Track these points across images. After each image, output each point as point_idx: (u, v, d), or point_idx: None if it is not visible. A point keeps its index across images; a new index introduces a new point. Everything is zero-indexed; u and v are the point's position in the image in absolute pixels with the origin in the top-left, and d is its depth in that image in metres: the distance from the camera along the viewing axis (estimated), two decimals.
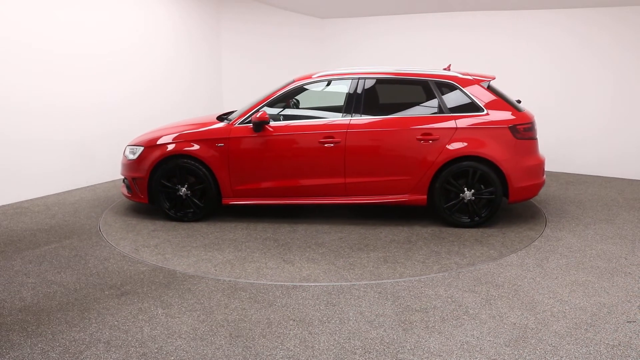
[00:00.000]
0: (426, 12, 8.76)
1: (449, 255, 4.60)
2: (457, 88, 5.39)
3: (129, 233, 5.26)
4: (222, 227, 5.48)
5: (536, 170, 5.36)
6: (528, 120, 5.33)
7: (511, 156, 5.20)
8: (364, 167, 5.36)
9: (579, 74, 7.78)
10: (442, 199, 5.34)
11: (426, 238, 5.09)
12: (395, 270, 4.28)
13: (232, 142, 5.44)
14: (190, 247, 4.90)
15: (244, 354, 3.08)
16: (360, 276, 4.17)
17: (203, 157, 5.44)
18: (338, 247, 4.87)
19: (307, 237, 5.14)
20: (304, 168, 5.40)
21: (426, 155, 5.26)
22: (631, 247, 4.80)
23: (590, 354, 3.04)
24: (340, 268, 4.35)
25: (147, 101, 7.94)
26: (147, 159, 5.57)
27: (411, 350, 3.10)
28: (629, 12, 7.29)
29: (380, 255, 4.62)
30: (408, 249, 4.79)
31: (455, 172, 5.27)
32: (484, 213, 5.31)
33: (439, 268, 4.31)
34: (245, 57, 9.53)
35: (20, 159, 6.31)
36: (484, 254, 4.62)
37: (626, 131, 7.53)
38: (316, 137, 5.37)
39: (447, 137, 5.24)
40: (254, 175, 5.46)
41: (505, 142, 5.22)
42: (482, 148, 5.19)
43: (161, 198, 5.59)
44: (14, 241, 5.03)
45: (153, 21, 7.94)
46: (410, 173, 5.31)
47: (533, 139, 5.37)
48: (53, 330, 3.36)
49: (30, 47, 6.29)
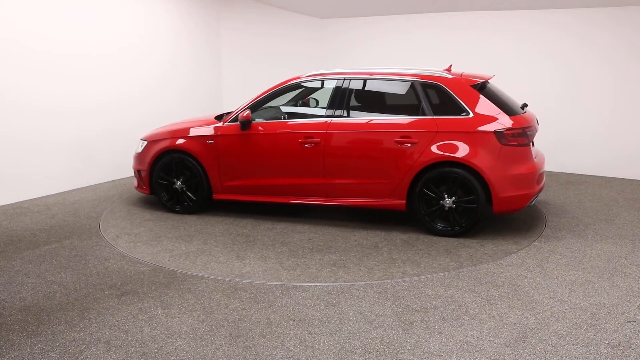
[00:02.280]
0: (426, 12, 8.76)
1: (403, 264, 4.39)
2: (443, 89, 5.08)
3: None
4: (209, 220, 5.69)
5: (525, 179, 4.93)
6: (518, 125, 4.90)
7: (495, 163, 4.83)
8: (342, 168, 5.26)
9: (579, 74, 7.78)
10: (422, 205, 5.09)
11: (396, 244, 4.89)
12: (335, 274, 4.21)
13: (221, 139, 5.65)
14: (165, 237, 5.14)
15: (244, 354, 3.08)
16: (297, 278, 4.15)
17: (195, 153, 5.71)
18: (300, 247, 4.87)
19: (278, 236, 5.18)
20: (285, 167, 5.46)
21: (405, 159, 5.04)
22: (631, 247, 4.80)
23: (590, 354, 3.04)
24: (283, 268, 4.36)
25: (147, 101, 7.94)
26: (149, 153, 5.93)
27: (411, 350, 3.10)
28: (629, 12, 7.30)
29: (334, 259, 4.55)
30: (367, 254, 4.66)
31: (436, 177, 4.99)
32: (465, 223, 4.99)
33: (381, 276, 4.16)
34: (245, 57, 9.53)
35: (20, 159, 6.31)
36: (440, 266, 4.35)
37: (626, 131, 7.53)
38: (297, 137, 5.39)
39: (427, 140, 4.97)
40: (240, 173, 5.64)
41: (490, 147, 4.84)
42: (464, 153, 4.87)
43: (159, 190, 5.91)
44: (14, 241, 5.03)
45: (153, 22, 7.93)
46: (388, 177, 5.12)
47: (523, 145, 4.93)
48: (53, 330, 3.36)
49: (30, 47, 6.29)
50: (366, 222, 5.55)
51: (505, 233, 5.18)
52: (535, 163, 5.07)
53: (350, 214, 5.81)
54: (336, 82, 5.46)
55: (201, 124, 5.87)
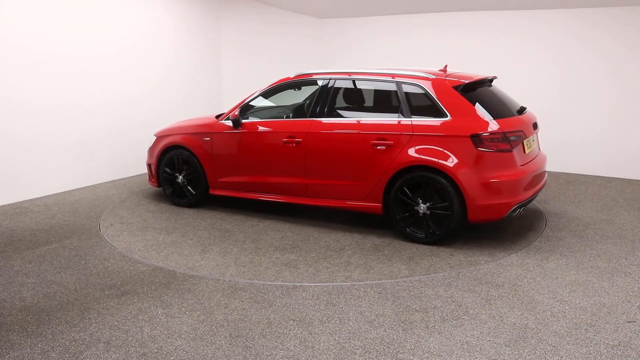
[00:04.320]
0: (426, 12, 8.76)
1: (354, 269, 4.30)
2: (424, 90, 4.87)
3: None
4: (202, 214, 5.89)
5: (505, 187, 4.58)
6: (502, 129, 4.60)
7: (471, 169, 4.56)
8: (322, 169, 5.22)
9: (579, 74, 7.77)
10: (397, 210, 4.89)
11: (363, 248, 4.77)
12: (279, 275, 4.21)
13: (216, 137, 5.83)
14: (151, 228, 5.40)
15: (244, 354, 3.08)
16: (240, 275, 4.21)
17: (193, 149, 5.93)
18: (267, 245, 4.91)
19: (256, 233, 5.26)
20: (270, 166, 5.54)
21: (380, 162, 4.88)
22: (631, 247, 4.80)
23: (590, 354, 3.04)
24: (235, 265, 4.43)
25: (147, 101, 7.94)
26: (156, 148, 6.27)
27: (411, 350, 3.10)
28: (629, 12, 7.29)
29: (291, 258, 4.55)
30: (327, 256, 4.60)
31: (410, 182, 4.80)
32: (439, 230, 4.75)
33: (326, 278, 4.12)
34: (245, 57, 9.53)
35: (20, 159, 6.31)
36: (391, 274, 4.20)
37: (627, 131, 7.52)
38: (281, 137, 5.43)
39: (402, 143, 4.79)
40: (231, 170, 5.79)
41: (465, 152, 4.58)
42: (437, 157, 4.64)
43: (165, 184, 6.23)
44: (14, 241, 5.03)
45: (153, 22, 7.93)
46: (364, 179, 5.00)
47: (503, 151, 4.60)
48: (53, 330, 3.36)
49: (30, 47, 6.29)
50: (349, 224, 5.47)
51: (453, 254, 4.71)
52: (520, 170, 4.70)
53: (338, 215, 5.75)
54: (322, 82, 5.44)
55: (201, 122, 6.11)
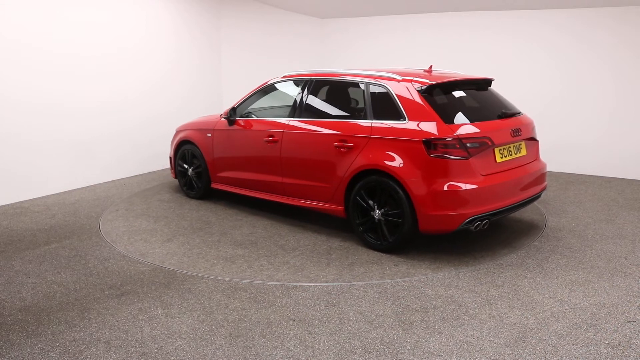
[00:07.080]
0: (426, 12, 8.76)
1: (284, 268, 4.31)
2: (388, 92, 4.71)
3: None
4: (200, 206, 6.24)
5: (460, 197, 4.24)
6: (456, 135, 4.29)
7: (422, 175, 4.30)
8: (295, 169, 5.30)
9: (579, 74, 7.77)
10: (356, 214, 4.79)
11: (314, 250, 4.74)
12: (211, 269, 4.33)
13: (215, 133, 6.15)
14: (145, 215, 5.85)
15: (244, 354, 3.08)
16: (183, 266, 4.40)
17: (198, 144, 6.34)
18: (230, 239, 5.05)
19: (231, 227, 5.41)
20: (254, 163, 5.75)
21: (341, 164, 4.84)
22: (631, 247, 4.80)
23: (590, 354, 3.04)
24: (185, 256, 4.60)
25: (147, 101, 7.94)
26: (174, 142, 6.77)
27: (411, 350, 3.10)
28: (629, 12, 7.30)
29: (238, 254, 4.65)
30: (274, 254, 4.63)
31: (367, 186, 4.67)
32: (392, 238, 4.56)
33: (246, 275, 4.16)
34: (245, 56, 9.53)
35: (20, 159, 6.31)
36: (317, 277, 4.15)
37: (627, 132, 7.53)
38: (263, 135, 5.59)
39: (360, 145, 4.70)
40: (226, 165, 6.08)
41: (417, 158, 4.34)
42: (390, 162, 4.47)
43: (179, 176, 6.71)
44: (14, 241, 5.03)
45: (154, 22, 7.93)
46: (328, 181, 4.98)
47: (460, 158, 4.27)
48: (53, 330, 3.36)
49: (31, 46, 6.29)
50: (327, 227, 5.39)
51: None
52: (481, 180, 4.34)
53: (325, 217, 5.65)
54: (303, 82, 5.50)
55: (206, 119, 6.54)
